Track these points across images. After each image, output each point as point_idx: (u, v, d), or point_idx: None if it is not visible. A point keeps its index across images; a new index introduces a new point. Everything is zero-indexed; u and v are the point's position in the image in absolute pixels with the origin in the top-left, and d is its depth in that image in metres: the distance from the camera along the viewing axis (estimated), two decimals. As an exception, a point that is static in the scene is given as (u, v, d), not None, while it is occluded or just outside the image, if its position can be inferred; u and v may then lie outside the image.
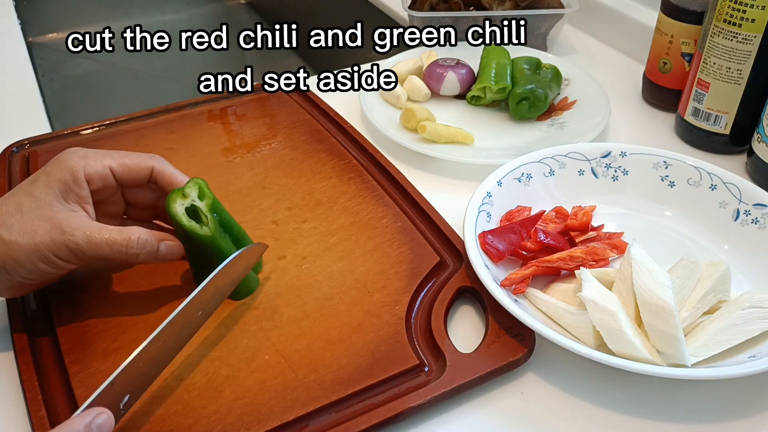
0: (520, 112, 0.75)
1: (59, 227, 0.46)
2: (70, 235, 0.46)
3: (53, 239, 0.45)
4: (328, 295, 0.52)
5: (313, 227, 0.59)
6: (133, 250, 0.47)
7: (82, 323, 0.50)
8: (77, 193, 0.48)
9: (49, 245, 0.45)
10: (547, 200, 0.62)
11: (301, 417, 0.43)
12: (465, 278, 0.53)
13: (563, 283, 0.53)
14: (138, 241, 0.47)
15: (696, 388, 0.48)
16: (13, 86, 0.83)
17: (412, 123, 0.72)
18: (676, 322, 0.45)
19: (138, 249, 0.47)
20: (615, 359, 0.44)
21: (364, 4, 1.16)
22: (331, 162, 0.67)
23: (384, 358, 0.47)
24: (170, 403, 0.44)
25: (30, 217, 0.46)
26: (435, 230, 0.59)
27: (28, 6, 1.32)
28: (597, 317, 0.47)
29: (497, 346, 0.48)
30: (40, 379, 0.45)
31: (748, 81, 0.67)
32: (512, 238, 0.55)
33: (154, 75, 1.35)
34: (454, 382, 0.45)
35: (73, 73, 1.33)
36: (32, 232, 0.45)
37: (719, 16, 0.65)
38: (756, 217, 0.57)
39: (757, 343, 0.47)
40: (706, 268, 0.51)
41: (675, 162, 0.62)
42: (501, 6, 0.89)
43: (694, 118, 0.72)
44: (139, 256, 0.48)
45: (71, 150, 0.50)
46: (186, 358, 0.47)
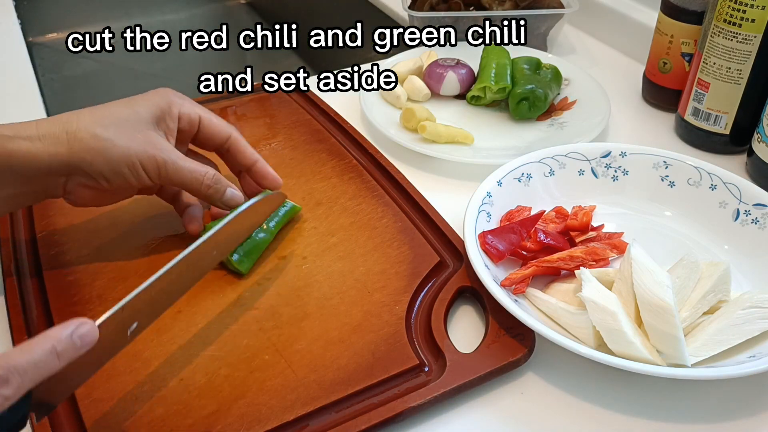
0: (520, 112, 0.75)
1: (153, 143, 0.50)
2: (162, 152, 0.50)
3: (146, 150, 0.49)
4: (328, 295, 0.52)
5: (313, 227, 0.59)
6: (208, 182, 0.52)
7: (82, 323, 0.50)
8: (168, 125, 0.52)
9: (142, 155, 0.49)
10: (547, 200, 0.62)
11: (301, 417, 0.43)
12: (465, 278, 0.53)
13: (563, 283, 0.53)
14: (214, 176, 0.52)
15: (696, 388, 0.48)
16: (13, 86, 0.83)
17: (412, 123, 0.72)
18: (676, 322, 0.45)
19: (212, 183, 0.52)
20: (615, 359, 0.44)
21: (364, 4, 1.16)
22: (331, 162, 0.67)
23: (384, 358, 0.47)
24: (170, 403, 0.44)
25: (128, 124, 0.50)
26: (435, 230, 0.59)
27: (28, 6, 1.32)
28: (597, 317, 0.47)
29: (497, 346, 0.48)
30: (40, 379, 0.45)
31: (748, 81, 0.67)
32: (512, 238, 0.55)
33: (154, 75, 1.35)
34: (454, 382, 0.45)
35: (73, 73, 1.33)
36: (129, 138, 0.49)
37: (719, 16, 0.65)
38: (756, 217, 0.57)
39: (757, 343, 0.47)
40: (706, 268, 0.51)
41: (675, 162, 0.62)
42: (501, 6, 0.89)
43: (694, 118, 0.72)
44: (208, 190, 0.52)
45: (169, 90, 0.54)
46: (186, 358, 0.47)
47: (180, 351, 0.48)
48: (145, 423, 0.43)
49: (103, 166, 0.49)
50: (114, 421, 0.43)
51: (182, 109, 0.53)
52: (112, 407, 0.44)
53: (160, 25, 1.45)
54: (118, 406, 0.44)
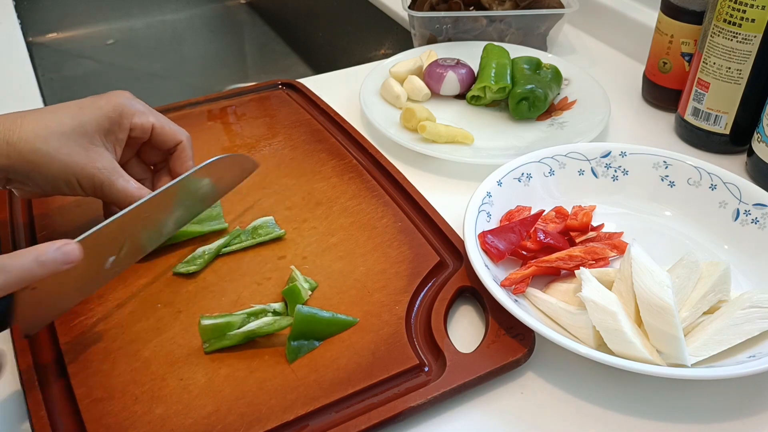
0: (520, 112, 0.75)
1: (93, 160, 0.49)
2: (100, 171, 0.49)
3: (85, 168, 0.49)
4: (328, 295, 0.52)
5: (313, 227, 0.59)
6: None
7: (82, 323, 0.50)
8: (117, 136, 0.52)
9: (79, 173, 0.49)
10: (547, 200, 0.62)
11: (301, 417, 0.43)
12: (465, 278, 0.53)
13: (563, 283, 0.53)
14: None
15: (696, 388, 0.48)
16: (13, 86, 0.83)
17: (412, 123, 0.72)
18: (676, 322, 0.45)
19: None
20: (615, 359, 0.44)
21: (364, 4, 1.16)
22: (331, 162, 0.67)
23: (384, 358, 0.47)
24: (170, 403, 0.44)
25: (71, 138, 0.49)
26: (435, 230, 0.59)
27: (28, 6, 1.32)
28: (597, 317, 0.47)
29: (497, 346, 0.48)
30: (40, 379, 0.45)
31: (748, 81, 0.67)
32: (512, 237, 0.55)
33: (154, 75, 1.35)
34: (454, 382, 0.45)
35: (73, 73, 1.33)
36: (69, 153, 0.48)
37: (719, 16, 0.65)
38: (756, 217, 0.57)
39: (757, 343, 0.47)
40: (706, 268, 0.51)
41: (675, 162, 0.62)
42: (501, 6, 0.89)
43: (694, 118, 0.72)
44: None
45: (125, 95, 0.53)
46: (186, 358, 0.47)
47: (180, 351, 0.48)
48: (145, 423, 0.43)
49: (40, 179, 0.49)
50: (114, 421, 0.43)
51: (135, 119, 0.52)
52: (112, 407, 0.44)
53: (160, 25, 1.45)
54: (118, 406, 0.44)
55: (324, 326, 0.48)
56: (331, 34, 1.33)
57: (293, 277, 0.52)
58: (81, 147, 0.49)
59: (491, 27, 0.90)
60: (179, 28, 1.47)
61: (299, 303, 0.49)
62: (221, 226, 0.58)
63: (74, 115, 0.50)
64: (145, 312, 0.51)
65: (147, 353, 0.47)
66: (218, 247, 0.55)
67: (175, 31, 1.46)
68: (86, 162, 0.49)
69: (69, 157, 0.48)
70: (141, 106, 0.54)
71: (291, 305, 0.50)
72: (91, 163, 0.49)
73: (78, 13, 1.38)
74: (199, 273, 0.54)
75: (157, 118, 0.54)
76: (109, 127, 0.51)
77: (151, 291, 0.53)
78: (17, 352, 0.47)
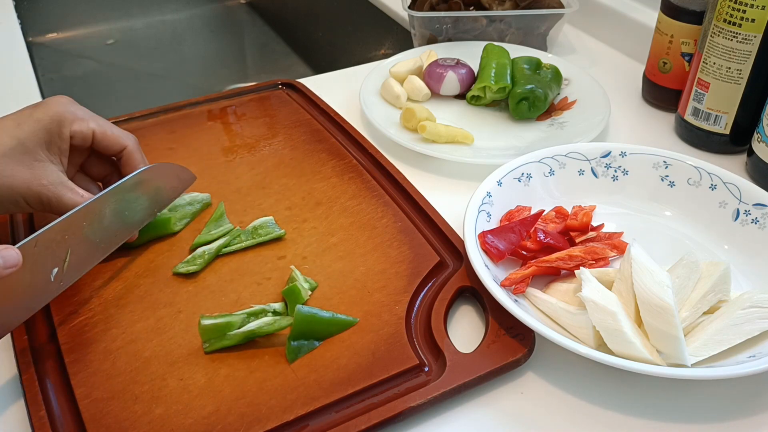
0: (520, 112, 0.75)
1: (38, 177, 0.48)
2: (46, 188, 0.48)
3: (30, 187, 0.48)
4: (328, 295, 0.52)
5: (313, 227, 0.59)
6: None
7: (82, 323, 0.50)
8: (60, 146, 0.50)
9: (26, 192, 0.48)
10: (547, 200, 0.62)
11: (301, 417, 0.43)
12: (465, 278, 0.53)
13: (563, 283, 0.53)
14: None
15: (696, 388, 0.48)
16: (13, 86, 0.83)
17: (412, 123, 0.72)
18: (676, 322, 0.45)
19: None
20: (615, 359, 0.44)
21: (364, 4, 1.16)
22: (331, 162, 0.67)
23: (384, 358, 0.47)
24: (170, 403, 0.44)
25: (12, 158, 0.48)
26: (435, 230, 0.59)
27: (28, 6, 1.32)
28: (597, 317, 0.47)
29: (497, 346, 0.48)
30: (40, 379, 0.45)
31: (748, 81, 0.67)
32: (512, 237, 0.55)
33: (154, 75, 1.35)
34: (454, 382, 0.45)
35: (73, 73, 1.33)
36: (11, 174, 0.47)
37: (719, 16, 0.66)
38: (756, 217, 0.57)
39: (757, 343, 0.47)
40: (706, 268, 0.51)
41: (675, 162, 0.62)
42: (501, 6, 0.89)
43: (694, 118, 0.72)
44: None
45: (62, 101, 0.51)
46: (186, 358, 0.47)
47: (180, 351, 0.48)
48: (145, 423, 0.43)
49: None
50: (114, 421, 0.43)
51: (74, 127, 0.51)
52: (112, 407, 0.44)
53: (160, 25, 1.46)
54: (118, 406, 0.44)
55: (324, 326, 0.48)
56: (331, 34, 1.33)
57: (293, 277, 0.52)
58: (24, 165, 0.48)
59: (491, 27, 0.90)
60: (179, 28, 1.47)
61: (299, 303, 0.49)
62: (227, 228, 0.58)
63: (12, 133, 0.49)
64: (145, 312, 0.51)
65: (147, 353, 0.47)
66: (218, 247, 0.55)
67: (175, 31, 1.47)
68: (31, 180, 0.48)
69: (12, 179, 0.47)
70: (81, 111, 0.52)
71: (291, 305, 0.50)
72: (36, 180, 0.48)
73: (78, 13, 1.38)
74: (199, 273, 0.54)
75: (98, 123, 0.53)
76: (50, 139, 0.50)
77: (151, 291, 0.53)
78: (17, 352, 0.47)
